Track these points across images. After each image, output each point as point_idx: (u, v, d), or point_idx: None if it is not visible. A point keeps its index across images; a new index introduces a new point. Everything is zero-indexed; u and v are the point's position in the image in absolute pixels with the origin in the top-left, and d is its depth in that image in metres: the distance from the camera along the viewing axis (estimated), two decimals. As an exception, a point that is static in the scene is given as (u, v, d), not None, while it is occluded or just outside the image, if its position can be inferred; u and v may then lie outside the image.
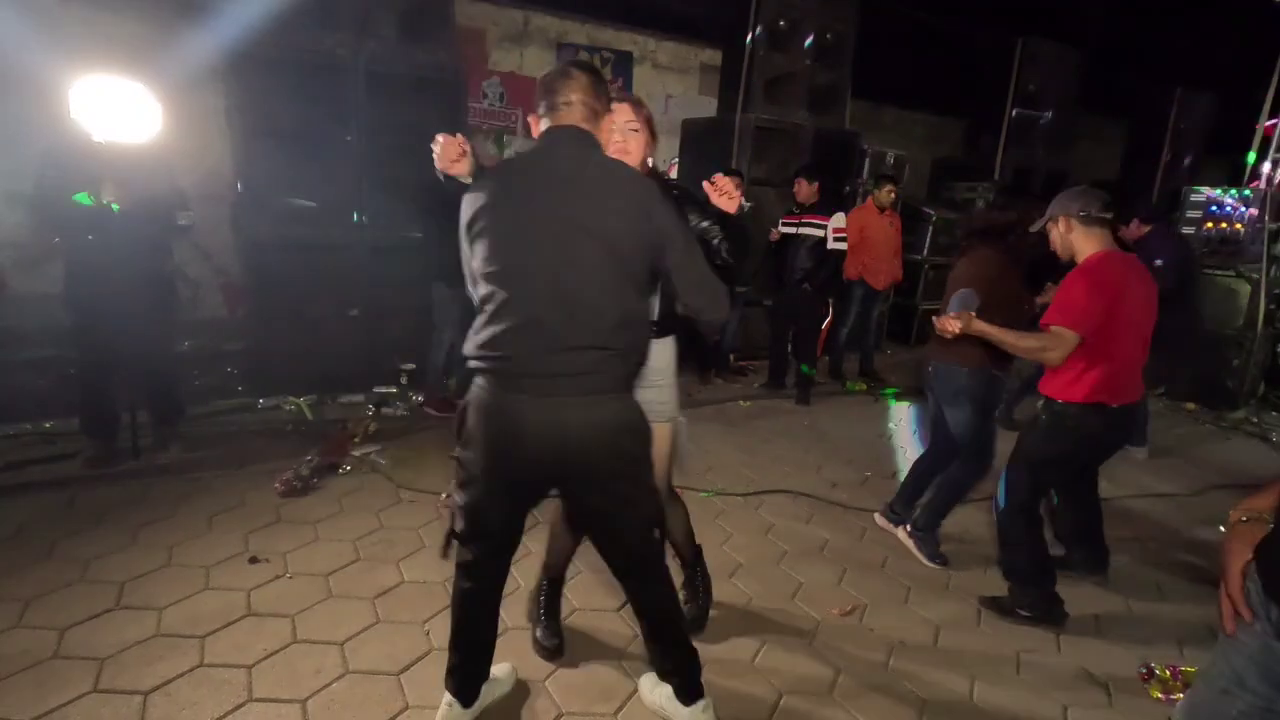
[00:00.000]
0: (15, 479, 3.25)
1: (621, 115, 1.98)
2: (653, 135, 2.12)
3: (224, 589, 2.50)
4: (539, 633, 2.29)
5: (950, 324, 2.55)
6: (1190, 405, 5.76)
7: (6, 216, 4.43)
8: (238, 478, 3.39)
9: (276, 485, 3.26)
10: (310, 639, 2.27)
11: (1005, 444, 2.83)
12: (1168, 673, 2.35)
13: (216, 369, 4.75)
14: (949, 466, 3.09)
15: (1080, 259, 2.47)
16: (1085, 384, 2.44)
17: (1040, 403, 2.61)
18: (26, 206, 3.41)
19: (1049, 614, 2.61)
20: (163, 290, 3.55)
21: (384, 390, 4.72)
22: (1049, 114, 7.90)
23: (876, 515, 3.39)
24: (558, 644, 2.27)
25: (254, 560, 2.70)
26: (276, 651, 2.20)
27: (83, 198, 3.04)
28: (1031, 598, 2.63)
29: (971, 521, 3.43)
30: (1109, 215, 2.47)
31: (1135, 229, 4.48)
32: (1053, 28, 7.81)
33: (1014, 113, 7.74)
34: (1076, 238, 2.47)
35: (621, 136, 2.00)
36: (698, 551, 2.49)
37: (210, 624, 2.30)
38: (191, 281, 4.87)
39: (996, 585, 2.77)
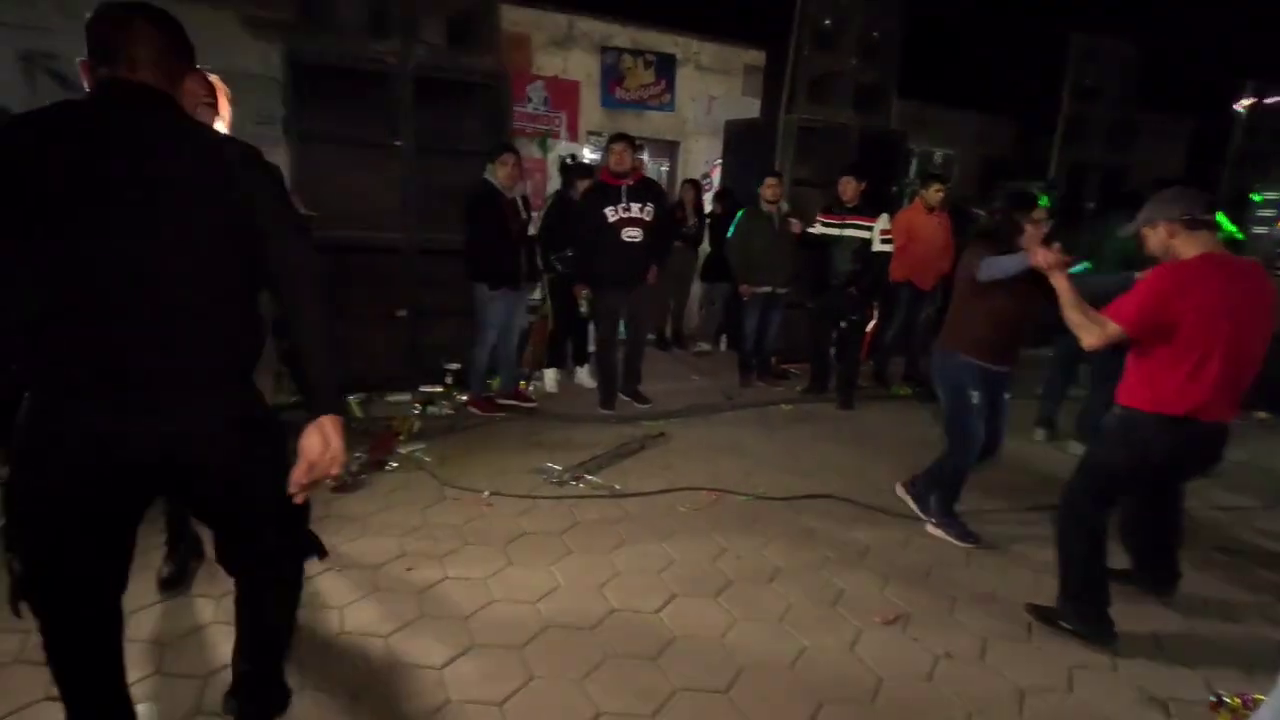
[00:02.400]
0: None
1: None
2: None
3: (276, 580, 2.59)
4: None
5: (1043, 254, 2.59)
6: (1262, 414, 5.47)
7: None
8: (290, 472, 3.50)
9: (327, 480, 3.35)
10: (357, 631, 2.33)
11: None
12: (1238, 701, 2.21)
13: (270, 367, 4.90)
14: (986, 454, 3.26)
15: None
16: (1164, 393, 2.31)
17: (1116, 410, 2.50)
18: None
19: (1095, 632, 2.49)
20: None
21: (430, 390, 4.82)
22: (1105, 111, 7.63)
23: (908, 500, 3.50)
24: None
25: (304, 553, 2.79)
26: (326, 642, 2.26)
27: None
28: (1077, 612, 2.53)
29: (1024, 531, 3.32)
30: (1211, 217, 2.33)
31: None
32: (1110, 21, 7.54)
33: (1069, 110, 7.49)
34: (1180, 243, 2.32)
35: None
36: None
37: (263, 613, 2.38)
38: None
39: (1046, 596, 2.68)
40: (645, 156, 7.96)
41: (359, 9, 4.41)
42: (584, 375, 5.43)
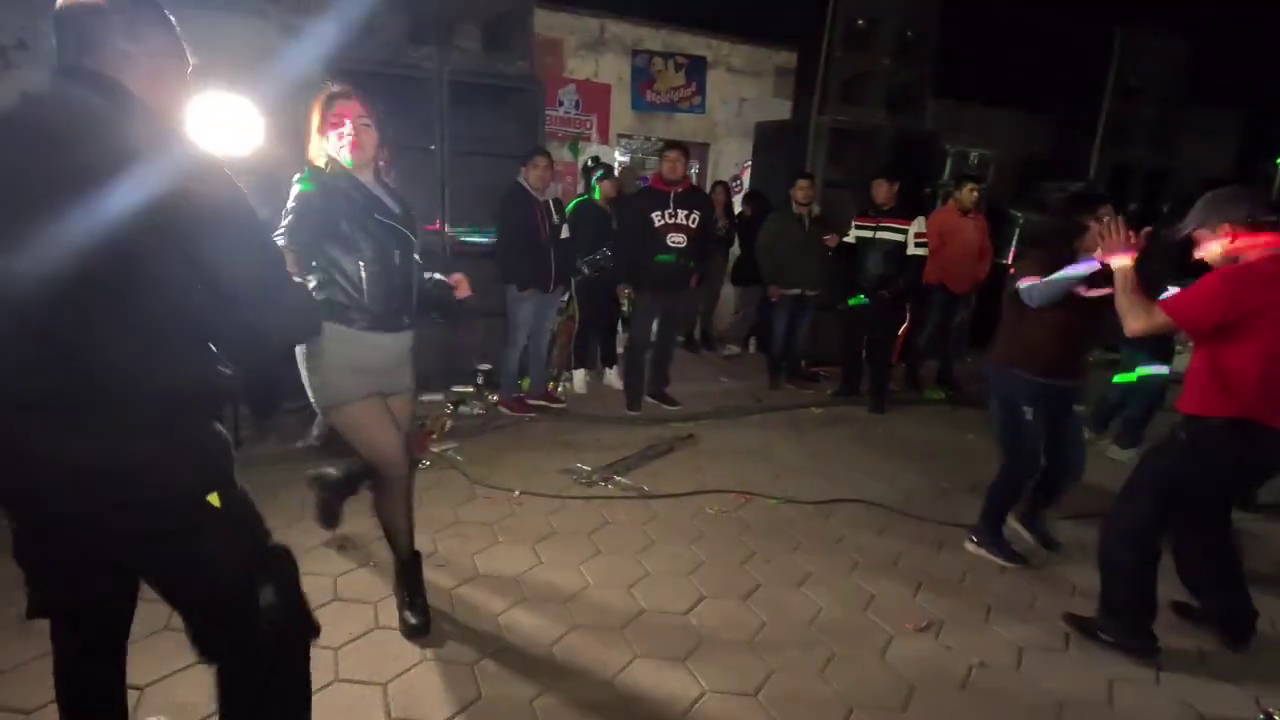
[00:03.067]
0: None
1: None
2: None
3: (314, 574, 2.63)
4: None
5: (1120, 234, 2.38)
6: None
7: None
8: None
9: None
10: (391, 626, 2.37)
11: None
12: None
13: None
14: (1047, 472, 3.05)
15: None
16: (1238, 397, 2.19)
17: (1179, 420, 2.37)
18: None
19: (1137, 646, 2.41)
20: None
21: (462, 390, 4.89)
22: (1149, 109, 7.42)
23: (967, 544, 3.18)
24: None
25: (342, 547, 2.85)
26: (360, 636, 2.31)
27: None
28: (1118, 626, 2.45)
29: (1061, 539, 3.24)
30: (1275, 218, 2.20)
31: None
32: (1156, 15, 7.31)
33: (1111, 108, 7.30)
34: (1242, 246, 2.21)
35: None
36: None
37: (301, 606, 2.44)
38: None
39: (1084, 607, 2.62)
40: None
41: (396, 16, 4.49)
42: (612, 376, 5.46)
